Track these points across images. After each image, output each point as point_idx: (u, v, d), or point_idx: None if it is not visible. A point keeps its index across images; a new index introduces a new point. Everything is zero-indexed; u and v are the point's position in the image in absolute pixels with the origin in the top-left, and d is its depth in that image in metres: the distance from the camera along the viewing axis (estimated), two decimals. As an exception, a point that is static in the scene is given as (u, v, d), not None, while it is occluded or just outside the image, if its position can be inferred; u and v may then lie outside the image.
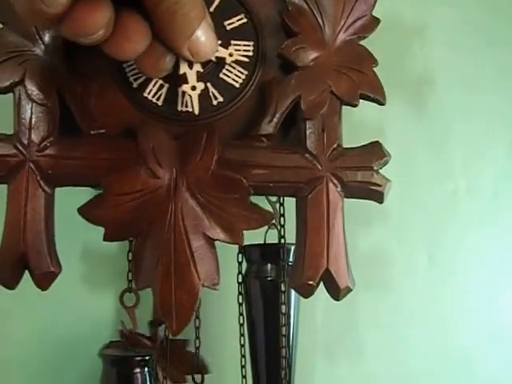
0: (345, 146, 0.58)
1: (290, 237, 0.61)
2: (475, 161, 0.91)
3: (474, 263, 0.89)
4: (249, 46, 0.59)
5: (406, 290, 0.86)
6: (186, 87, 0.55)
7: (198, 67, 0.55)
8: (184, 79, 0.55)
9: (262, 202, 0.59)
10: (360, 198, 0.58)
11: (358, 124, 0.80)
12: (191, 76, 0.55)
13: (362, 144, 0.58)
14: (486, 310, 0.89)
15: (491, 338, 0.90)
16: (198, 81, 0.55)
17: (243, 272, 0.70)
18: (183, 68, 0.55)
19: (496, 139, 0.91)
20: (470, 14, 0.93)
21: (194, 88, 0.55)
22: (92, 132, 0.56)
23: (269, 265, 0.68)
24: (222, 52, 0.57)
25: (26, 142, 0.55)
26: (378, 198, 0.58)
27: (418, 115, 0.90)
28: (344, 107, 0.58)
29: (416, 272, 0.87)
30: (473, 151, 0.91)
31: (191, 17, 0.47)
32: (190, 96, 0.55)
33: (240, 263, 0.68)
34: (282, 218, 0.63)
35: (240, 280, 0.69)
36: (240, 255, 0.68)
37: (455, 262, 0.89)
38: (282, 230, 0.64)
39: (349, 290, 0.56)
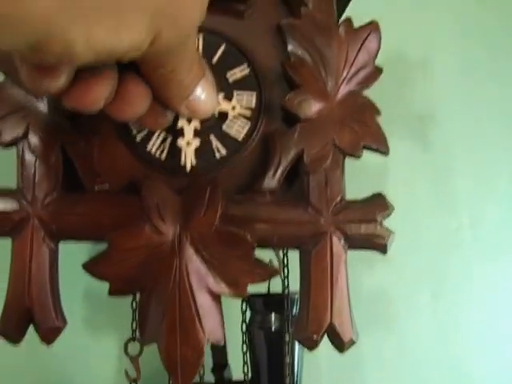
0: (346, 182, 0.59)
1: (294, 283, 0.62)
2: (479, 195, 0.92)
3: (478, 298, 0.90)
4: (251, 97, 0.60)
5: (409, 329, 0.87)
6: (181, 142, 0.56)
7: (195, 122, 0.56)
8: (181, 133, 0.56)
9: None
10: (363, 249, 0.59)
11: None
12: (188, 131, 0.56)
13: (365, 196, 0.59)
14: (492, 345, 0.90)
15: (500, 371, 0.90)
16: (194, 136, 0.56)
17: (247, 321, 0.71)
18: (181, 122, 0.56)
19: (499, 172, 0.93)
20: (471, 49, 0.94)
21: (188, 143, 0.56)
22: (96, 187, 0.56)
23: (273, 315, 0.69)
24: (225, 105, 0.58)
25: (29, 197, 0.57)
26: (382, 249, 0.59)
27: (421, 150, 0.91)
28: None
29: (419, 309, 0.88)
30: (476, 186, 0.92)
31: (187, 82, 0.47)
32: (185, 151, 0.56)
33: (244, 312, 0.69)
34: (285, 269, 0.64)
35: (244, 329, 0.70)
36: (244, 304, 0.70)
37: (459, 297, 0.90)
38: (286, 280, 0.65)
39: (352, 342, 0.57)
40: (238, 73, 0.60)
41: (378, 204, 0.59)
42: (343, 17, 0.67)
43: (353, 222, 0.58)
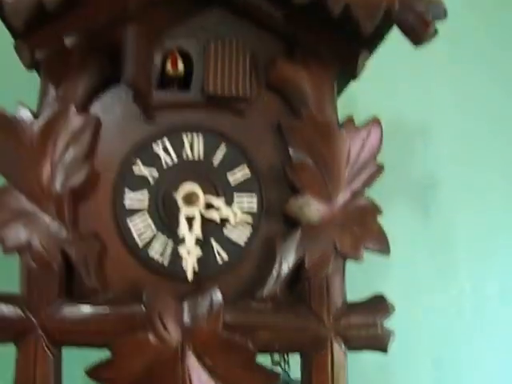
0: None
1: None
2: (480, 261, 0.94)
3: (480, 365, 0.92)
4: (252, 200, 0.61)
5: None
6: (182, 250, 0.58)
7: (197, 232, 0.58)
8: (182, 241, 0.58)
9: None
10: (363, 350, 0.61)
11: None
12: (189, 240, 0.58)
13: (366, 298, 0.61)
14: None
15: None
16: (196, 244, 0.58)
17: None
18: (183, 230, 0.58)
19: (500, 238, 0.94)
20: (471, 117, 0.95)
21: (189, 252, 0.58)
22: (99, 294, 0.58)
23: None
24: (226, 212, 0.59)
25: (33, 305, 0.58)
26: (383, 349, 0.61)
27: (421, 218, 0.93)
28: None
29: (420, 378, 0.90)
30: (477, 252, 0.93)
31: None
32: (186, 260, 0.58)
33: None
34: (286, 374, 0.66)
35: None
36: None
37: (460, 364, 0.91)
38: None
39: None
40: (238, 173, 0.61)
41: (378, 307, 0.61)
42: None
43: (354, 327, 0.60)
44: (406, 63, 0.91)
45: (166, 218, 0.60)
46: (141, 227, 0.60)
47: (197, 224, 0.58)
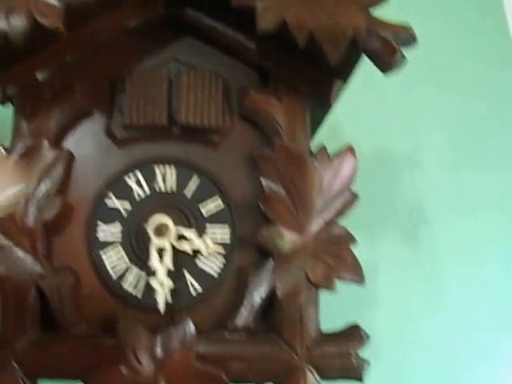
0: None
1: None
2: (471, 293, 0.94)
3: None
4: (225, 231, 0.63)
5: None
6: (154, 283, 0.59)
7: (169, 264, 0.59)
8: (154, 273, 0.60)
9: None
10: (337, 380, 0.62)
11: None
12: (160, 272, 0.60)
13: (341, 329, 0.62)
14: None
15: None
16: (168, 276, 0.60)
17: None
18: (154, 262, 0.59)
19: (492, 269, 0.95)
20: (459, 146, 0.96)
21: (161, 284, 0.59)
22: (73, 327, 0.60)
23: None
24: (198, 243, 0.61)
25: (7, 339, 0.60)
26: (357, 378, 0.62)
27: (410, 248, 0.94)
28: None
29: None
30: (468, 284, 0.94)
31: None
32: (158, 292, 0.59)
33: None
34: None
35: None
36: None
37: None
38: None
39: None
40: (210, 205, 0.63)
41: (353, 337, 0.62)
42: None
43: (327, 357, 0.61)
44: (394, 94, 0.93)
45: (138, 250, 0.62)
46: (114, 260, 0.62)
47: (168, 256, 0.60)
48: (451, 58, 1.01)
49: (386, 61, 0.58)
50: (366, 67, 0.62)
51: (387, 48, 0.58)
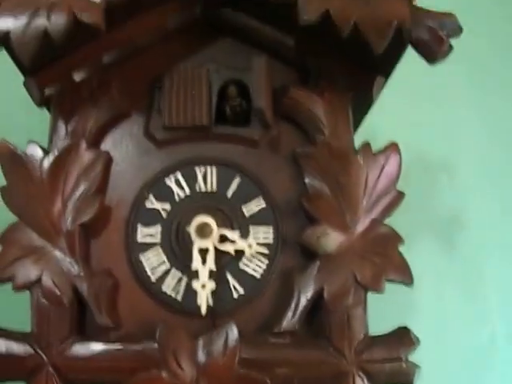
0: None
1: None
2: (511, 300, 0.92)
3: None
4: (268, 231, 0.62)
5: None
6: (196, 284, 0.58)
7: (211, 265, 0.58)
8: (196, 275, 0.59)
9: None
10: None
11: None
12: (203, 273, 0.59)
13: (390, 331, 0.61)
14: None
15: None
16: (210, 278, 0.59)
17: None
18: (196, 263, 0.58)
19: None
20: (497, 152, 0.96)
21: (203, 286, 0.58)
22: (111, 331, 0.59)
23: None
24: (241, 244, 0.60)
25: (44, 343, 0.60)
26: (408, 383, 0.60)
27: (449, 256, 0.92)
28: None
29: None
30: (508, 291, 0.92)
31: None
32: (200, 294, 0.58)
33: None
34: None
35: None
36: None
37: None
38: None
39: None
40: (253, 205, 0.62)
41: (402, 340, 0.61)
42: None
43: (377, 362, 0.60)
44: (430, 96, 0.92)
45: (179, 251, 0.61)
46: (154, 262, 0.61)
47: (210, 257, 0.59)
48: (490, 59, 1.00)
49: (434, 50, 0.58)
50: (402, 70, 0.63)
51: (434, 37, 0.58)
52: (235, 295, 0.61)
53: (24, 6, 0.55)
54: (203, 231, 0.60)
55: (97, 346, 0.60)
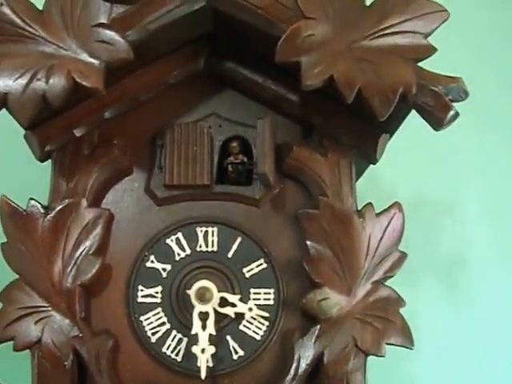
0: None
1: None
2: None
3: None
4: (269, 294, 0.63)
5: None
6: (195, 348, 0.60)
7: (211, 329, 0.60)
8: (196, 339, 0.60)
9: None
10: None
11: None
12: (203, 338, 0.60)
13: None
14: None
15: None
16: (210, 343, 0.60)
17: None
18: (196, 328, 0.60)
19: None
20: (500, 192, 0.96)
21: (203, 351, 0.60)
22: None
23: None
24: (242, 307, 0.61)
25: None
26: None
27: (449, 297, 0.93)
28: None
29: None
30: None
31: None
32: (200, 358, 0.60)
33: None
34: None
35: None
36: None
37: None
38: None
39: None
40: (254, 266, 0.64)
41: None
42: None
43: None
44: (432, 140, 0.92)
45: (179, 312, 0.63)
46: (154, 322, 0.62)
47: (210, 321, 0.61)
48: (491, 102, 1.00)
49: (439, 117, 0.58)
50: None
51: (439, 103, 0.58)
52: (235, 357, 0.63)
53: (23, 67, 0.56)
54: (204, 296, 0.61)
55: (98, 408, 0.61)
